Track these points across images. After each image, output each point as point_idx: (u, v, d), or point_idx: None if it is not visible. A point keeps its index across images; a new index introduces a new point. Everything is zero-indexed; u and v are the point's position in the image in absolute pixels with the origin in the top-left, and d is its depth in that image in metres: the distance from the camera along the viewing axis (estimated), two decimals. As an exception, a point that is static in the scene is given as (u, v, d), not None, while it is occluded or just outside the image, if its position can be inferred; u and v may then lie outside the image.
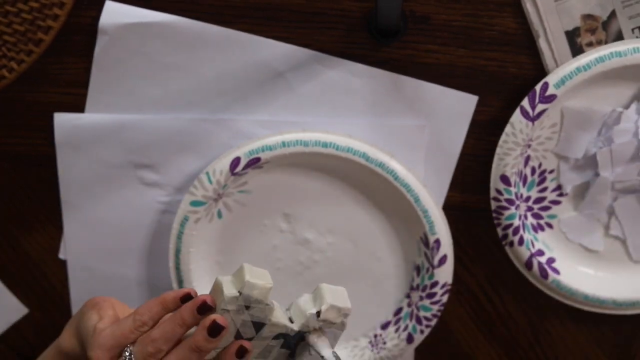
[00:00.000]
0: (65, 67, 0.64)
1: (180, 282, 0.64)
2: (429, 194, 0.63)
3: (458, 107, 0.63)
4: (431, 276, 0.64)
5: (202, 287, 0.65)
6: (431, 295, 0.65)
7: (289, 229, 0.64)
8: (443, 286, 0.65)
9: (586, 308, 0.65)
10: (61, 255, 0.69)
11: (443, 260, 0.64)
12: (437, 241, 0.63)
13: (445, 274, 0.64)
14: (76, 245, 0.68)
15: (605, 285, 0.65)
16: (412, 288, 0.66)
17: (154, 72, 0.63)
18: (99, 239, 0.67)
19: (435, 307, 0.65)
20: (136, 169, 0.65)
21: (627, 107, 0.61)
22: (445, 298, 0.65)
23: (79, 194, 0.66)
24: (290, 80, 0.63)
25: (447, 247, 0.64)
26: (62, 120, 0.64)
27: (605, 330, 0.68)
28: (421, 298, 0.65)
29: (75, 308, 0.70)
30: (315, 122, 0.63)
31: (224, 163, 0.61)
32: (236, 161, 0.61)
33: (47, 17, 0.61)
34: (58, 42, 0.62)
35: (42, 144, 0.66)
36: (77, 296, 0.69)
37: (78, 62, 0.63)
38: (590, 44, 0.60)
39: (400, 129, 0.64)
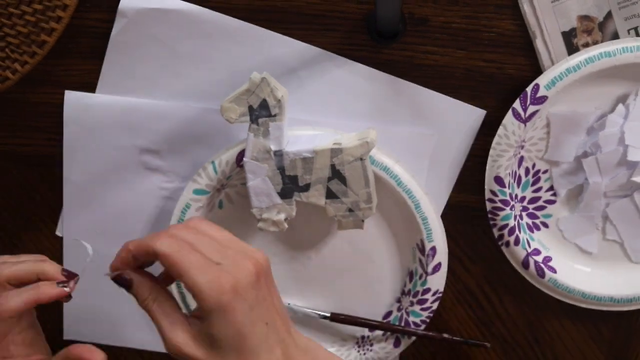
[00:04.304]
0: (68, 68, 0.64)
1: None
2: (430, 202, 0.62)
3: (466, 119, 0.63)
4: (424, 283, 0.64)
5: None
6: (422, 302, 0.65)
7: (287, 225, 0.64)
8: (435, 293, 0.65)
9: (584, 305, 0.65)
10: (58, 232, 0.69)
11: (437, 267, 0.64)
12: (433, 249, 0.63)
13: (438, 282, 0.64)
14: (73, 223, 0.68)
15: (602, 283, 0.65)
16: (403, 293, 0.67)
17: (169, 59, 0.63)
18: (97, 218, 0.67)
19: (425, 314, 0.65)
20: (141, 154, 0.65)
21: (614, 108, 0.61)
22: (435, 305, 0.65)
23: (81, 172, 0.66)
24: (302, 78, 0.63)
25: (442, 255, 0.64)
26: (73, 98, 0.64)
27: (602, 328, 0.69)
28: (412, 303, 0.65)
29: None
30: (324, 121, 0.64)
31: (231, 154, 0.61)
32: (243, 154, 0.61)
33: (51, 19, 0.61)
34: (61, 44, 0.62)
35: (45, 144, 0.66)
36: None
37: (81, 64, 0.64)
38: (586, 45, 0.60)
39: (407, 136, 0.64)
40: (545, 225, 0.66)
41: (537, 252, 0.65)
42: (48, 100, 0.65)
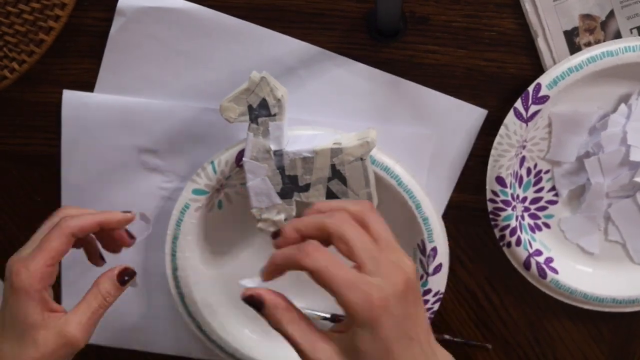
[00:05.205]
0: (67, 67, 0.64)
1: (175, 269, 0.64)
2: (431, 202, 0.62)
3: (467, 119, 0.63)
4: (425, 283, 0.64)
5: (196, 276, 0.65)
6: (423, 302, 0.65)
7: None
8: (436, 294, 0.64)
9: (585, 307, 0.65)
10: None
11: (438, 268, 0.64)
12: (434, 249, 0.63)
13: (439, 282, 0.64)
14: None
15: (604, 284, 0.65)
16: None
17: (168, 58, 0.63)
18: None
19: (426, 315, 0.65)
20: (140, 154, 0.65)
21: (616, 108, 0.61)
22: (436, 306, 0.65)
23: (79, 172, 0.66)
24: (302, 78, 0.63)
25: (443, 256, 0.63)
26: (71, 97, 0.64)
27: (603, 328, 0.68)
28: None
29: (65, 291, 0.70)
30: (324, 121, 0.63)
31: (231, 154, 0.61)
32: (242, 154, 0.60)
33: (49, 17, 0.61)
34: (59, 42, 0.62)
35: (44, 144, 0.66)
36: (69, 276, 0.69)
37: (79, 62, 0.64)
38: (588, 44, 0.60)
39: (407, 135, 0.64)
40: (547, 225, 0.65)
41: (538, 252, 0.64)
42: (46, 99, 0.65)
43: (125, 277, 0.53)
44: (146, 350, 0.72)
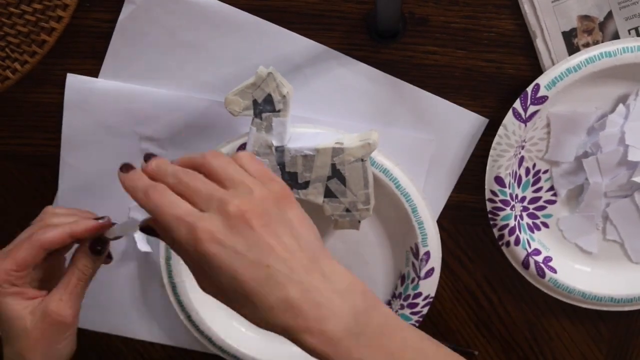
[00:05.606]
0: (68, 68, 0.64)
1: (168, 258, 0.64)
2: (427, 207, 0.62)
3: (468, 127, 0.63)
4: (416, 287, 0.64)
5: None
6: (412, 306, 0.65)
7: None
8: (425, 298, 0.65)
9: (584, 306, 0.65)
10: None
11: (430, 272, 0.64)
12: (427, 254, 0.63)
13: (429, 286, 0.64)
14: (68, 206, 0.67)
15: (602, 283, 0.65)
16: (394, 296, 0.66)
17: (174, 48, 0.63)
18: (92, 203, 0.66)
19: (415, 318, 0.65)
20: (140, 141, 0.65)
21: (615, 108, 0.61)
22: (425, 310, 0.65)
23: (78, 155, 0.66)
24: (307, 76, 0.63)
25: (436, 260, 0.64)
26: (75, 81, 0.64)
27: (602, 328, 0.69)
28: (402, 307, 0.65)
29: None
30: (326, 120, 0.64)
31: (232, 147, 0.61)
32: (244, 147, 0.60)
33: (51, 18, 0.61)
34: (61, 43, 0.63)
35: (45, 144, 0.66)
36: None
37: (81, 63, 0.64)
38: (587, 45, 0.60)
39: (408, 139, 0.64)
40: (546, 225, 0.65)
41: (537, 252, 0.64)
42: (48, 99, 0.65)
43: (97, 247, 0.53)
44: (136, 337, 0.72)
